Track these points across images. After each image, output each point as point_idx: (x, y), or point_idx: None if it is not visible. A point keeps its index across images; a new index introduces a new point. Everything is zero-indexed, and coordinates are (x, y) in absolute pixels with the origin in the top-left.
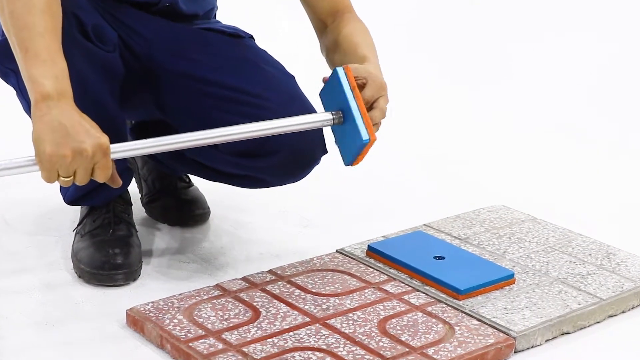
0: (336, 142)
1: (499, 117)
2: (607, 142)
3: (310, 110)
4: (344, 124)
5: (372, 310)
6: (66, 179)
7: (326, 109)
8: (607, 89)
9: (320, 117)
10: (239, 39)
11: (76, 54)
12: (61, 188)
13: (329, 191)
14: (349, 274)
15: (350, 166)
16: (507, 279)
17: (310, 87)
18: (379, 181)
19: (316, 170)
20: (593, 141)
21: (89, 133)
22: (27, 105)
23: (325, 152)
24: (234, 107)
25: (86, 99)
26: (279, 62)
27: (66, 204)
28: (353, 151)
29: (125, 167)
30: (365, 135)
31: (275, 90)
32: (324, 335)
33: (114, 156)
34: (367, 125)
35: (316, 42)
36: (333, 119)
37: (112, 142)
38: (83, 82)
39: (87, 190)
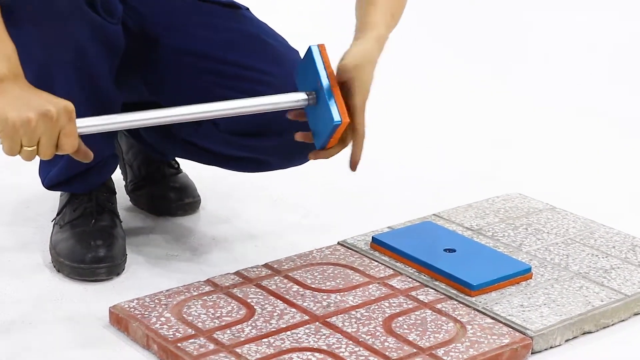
0: (309, 124)
1: (514, 100)
2: (632, 125)
3: None
4: (317, 106)
5: (376, 307)
6: (29, 149)
7: (300, 89)
8: (629, 69)
9: (294, 97)
10: (237, 10)
11: (80, 26)
12: (40, 171)
13: (330, 178)
14: (352, 268)
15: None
16: (524, 274)
17: None
18: (384, 167)
19: None
20: (616, 124)
21: (50, 98)
22: None
23: None
24: (235, 83)
25: (83, 75)
26: (280, 35)
27: (45, 189)
28: (325, 134)
29: (111, 154)
30: (337, 117)
31: (279, 64)
32: (324, 334)
33: (86, 130)
34: (339, 106)
35: (316, 16)
36: (308, 99)
37: None
38: (82, 57)
39: (70, 175)
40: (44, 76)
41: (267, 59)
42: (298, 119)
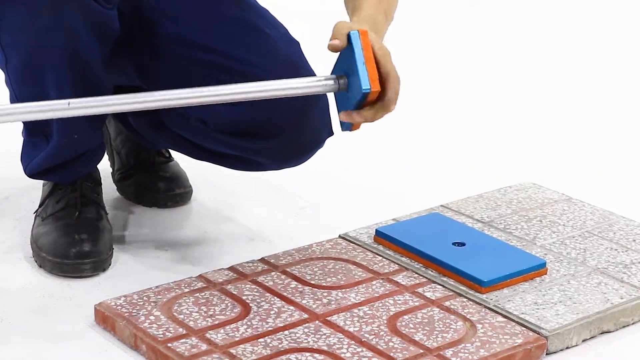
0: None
1: (528, 84)
2: None
3: None
4: (348, 89)
5: (380, 305)
6: None
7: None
8: None
9: (320, 81)
10: None
11: (74, 10)
12: (23, 158)
13: (330, 167)
14: (354, 263)
15: (348, 131)
16: (538, 269)
17: (316, 54)
18: (389, 155)
19: None
20: (637, 112)
21: None
22: (3, 59)
23: (332, 134)
24: (227, 77)
25: (73, 60)
26: (282, 25)
27: (26, 177)
28: (353, 102)
29: (99, 144)
30: (365, 84)
31: (275, 60)
32: (324, 334)
33: (72, 112)
34: (370, 74)
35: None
36: (338, 83)
37: None
38: (74, 42)
39: (54, 164)
40: (32, 60)
41: (264, 53)
42: (349, 122)
